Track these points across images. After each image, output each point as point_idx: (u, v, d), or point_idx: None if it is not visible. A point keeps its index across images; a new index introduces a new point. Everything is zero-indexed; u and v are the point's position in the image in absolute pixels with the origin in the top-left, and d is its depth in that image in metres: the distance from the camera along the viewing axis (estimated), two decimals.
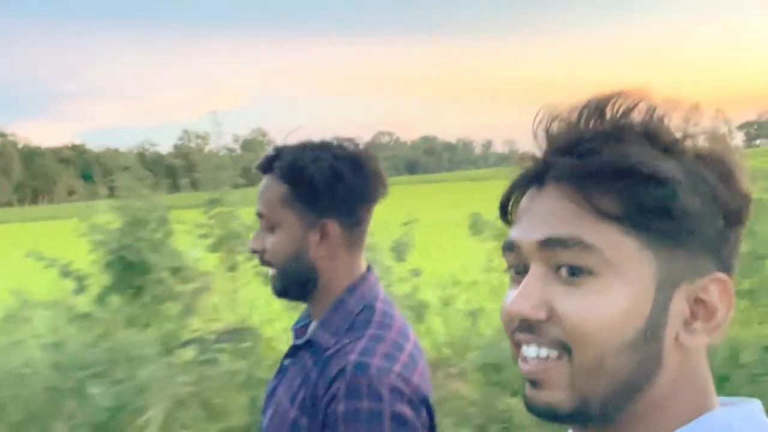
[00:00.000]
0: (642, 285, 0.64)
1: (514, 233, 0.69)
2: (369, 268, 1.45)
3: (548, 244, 0.65)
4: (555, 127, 0.68)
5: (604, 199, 0.64)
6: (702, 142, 0.67)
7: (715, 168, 0.66)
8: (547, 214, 0.67)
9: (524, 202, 0.70)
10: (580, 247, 0.64)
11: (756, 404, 0.69)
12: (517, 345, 0.68)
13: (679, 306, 0.65)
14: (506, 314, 0.67)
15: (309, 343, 1.38)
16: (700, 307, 0.66)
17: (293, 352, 1.44)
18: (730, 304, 0.66)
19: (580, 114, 0.67)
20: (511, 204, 0.73)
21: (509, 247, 0.70)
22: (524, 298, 0.65)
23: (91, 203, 5.90)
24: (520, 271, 0.69)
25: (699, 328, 0.66)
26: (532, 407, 0.67)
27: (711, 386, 0.69)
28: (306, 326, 1.48)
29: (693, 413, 0.66)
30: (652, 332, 0.64)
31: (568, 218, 0.65)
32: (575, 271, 0.64)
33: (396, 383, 1.23)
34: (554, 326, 0.65)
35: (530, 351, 0.66)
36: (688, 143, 0.67)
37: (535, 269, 0.67)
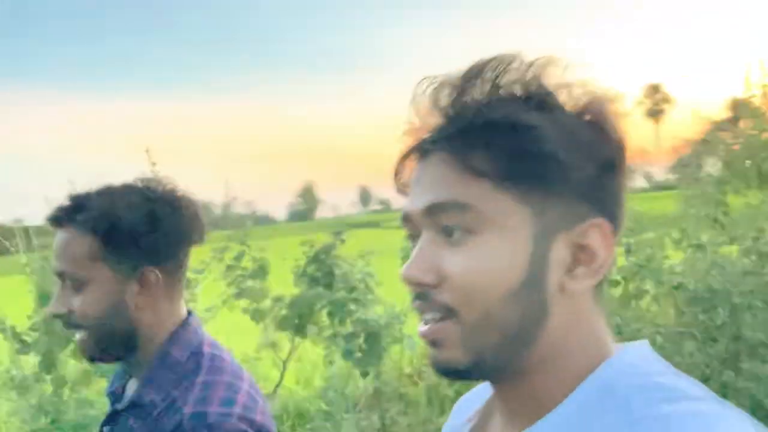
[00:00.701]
0: (519, 237, 0.66)
1: (407, 204, 0.73)
2: (190, 312, 1.36)
3: (431, 210, 0.68)
4: (435, 98, 0.71)
5: (475, 157, 0.66)
6: (577, 94, 0.69)
7: (588, 118, 0.69)
8: (431, 181, 0.69)
9: (413, 172, 0.73)
10: (456, 208, 0.67)
11: (646, 343, 0.72)
12: (418, 311, 0.71)
13: (559, 253, 0.67)
14: (404, 281, 0.70)
15: (133, 405, 1.26)
16: (581, 252, 0.68)
17: (113, 418, 1.33)
18: (611, 247, 0.69)
19: (459, 82, 0.70)
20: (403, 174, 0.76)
21: (405, 218, 0.73)
22: (415, 263, 0.69)
23: None
24: (416, 239, 0.72)
25: (581, 272, 0.68)
26: (434, 367, 0.70)
27: (605, 333, 0.71)
28: (124, 387, 1.37)
29: (592, 360, 0.69)
30: (533, 281, 0.66)
31: (447, 183, 0.68)
32: (455, 232, 0.67)
33: (239, 426, 1.16)
34: (442, 290, 0.67)
35: (426, 315, 0.69)
36: (563, 96, 0.69)
37: (425, 235, 0.70)
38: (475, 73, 0.69)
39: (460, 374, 0.70)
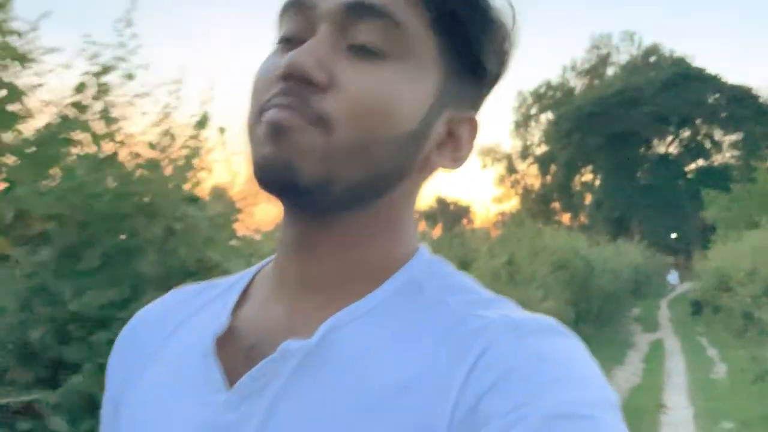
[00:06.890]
0: (428, 85, 0.61)
1: None
2: None
3: (355, 9, 0.58)
4: None
5: None
6: None
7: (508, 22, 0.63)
8: None
9: None
10: (386, 19, 0.58)
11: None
12: (268, 109, 0.57)
13: (439, 127, 0.63)
14: (286, 69, 0.56)
15: None
16: (450, 138, 0.65)
17: None
18: (471, 149, 0.66)
19: None
20: None
21: (297, 6, 0.61)
22: (308, 53, 0.57)
23: None
24: (291, 38, 0.61)
25: (447, 154, 0.65)
26: (270, 164, 0.56)
27: (415, 227, 0.68)
28: None
29: (406, 248, 0.65)
30: (418, 137, 0.61)
31: None
32: (372, 47, 0.58)
33: None
34: (326, 97, 0.56)
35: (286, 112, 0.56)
36: None
37: (327, 32, 0.58)
38: None
39: (291, 188, 0.57)
